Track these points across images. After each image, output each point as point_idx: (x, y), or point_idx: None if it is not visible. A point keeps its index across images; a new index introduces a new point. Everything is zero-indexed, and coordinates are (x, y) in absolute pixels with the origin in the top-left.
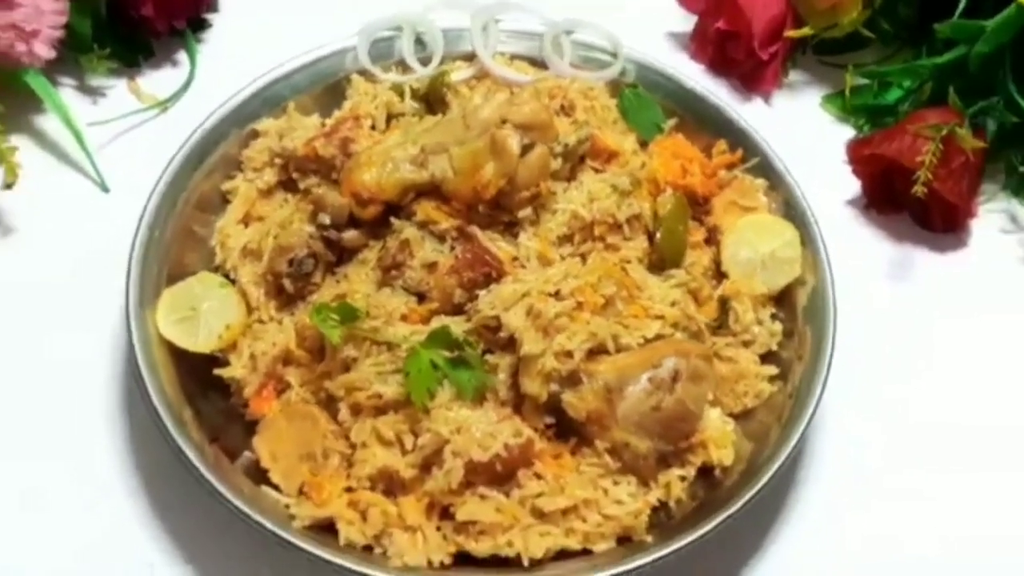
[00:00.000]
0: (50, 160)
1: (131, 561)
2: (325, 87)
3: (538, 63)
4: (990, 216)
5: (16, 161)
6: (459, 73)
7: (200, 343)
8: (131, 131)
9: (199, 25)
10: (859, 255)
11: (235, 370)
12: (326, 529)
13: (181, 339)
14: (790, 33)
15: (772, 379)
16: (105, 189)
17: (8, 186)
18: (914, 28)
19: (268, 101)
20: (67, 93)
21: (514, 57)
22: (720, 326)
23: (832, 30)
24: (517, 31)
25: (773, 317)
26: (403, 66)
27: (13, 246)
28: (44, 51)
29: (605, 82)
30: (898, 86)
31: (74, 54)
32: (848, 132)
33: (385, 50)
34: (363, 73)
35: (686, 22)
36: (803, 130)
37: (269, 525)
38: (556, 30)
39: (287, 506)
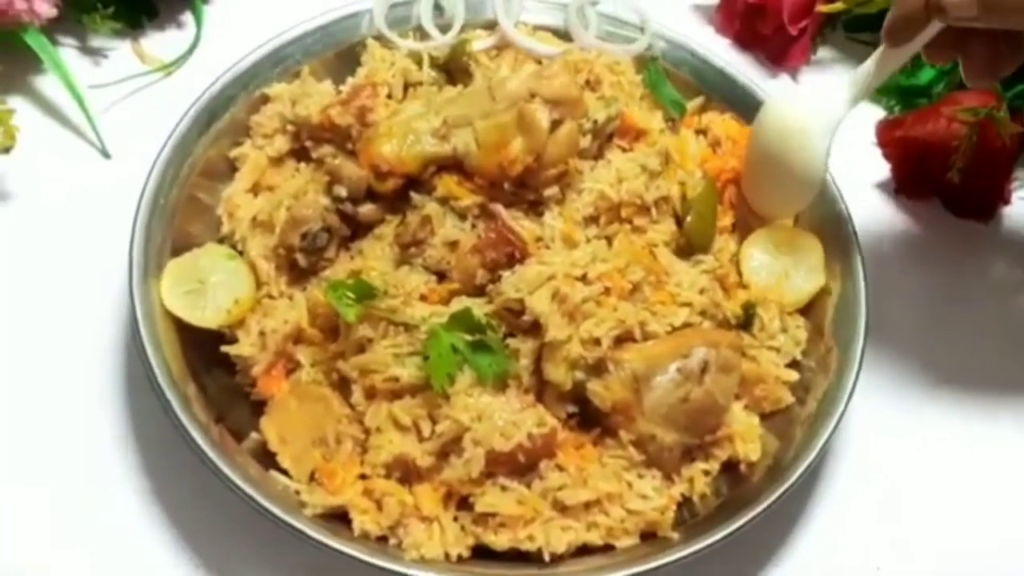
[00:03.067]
0: (50, 124)
1: (130, 541)
2: (338, 52)
3: (562, 35)
4: (1022, 203)
5: (14, 124)
6: (479, 42)
7: (207, 318)
8: (134, 95)
9: None
10: (887, 241)
11: (243, 347)
12: (338, 518)
13: (187, 313)
14: (822, 8)
15: (793, 387)
16: (106, 155)
17: (6, 150)
18: None
19: (279, 65)
20: (68, 54)
21: (537, 28)
22: (744, 326)
23: (865, 6)
24: (541, 0)
25: (798, 326)
26: (421, 32)
27: (10, 214)
28: (45, 9)
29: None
30: (931, 66)
31: (76, 13)
32: (878, 113)
33: (402, 15)
34: (379, 38)
35: None
36: None
37: (279, 513)
38: (581, 0)
39: (298, 492)
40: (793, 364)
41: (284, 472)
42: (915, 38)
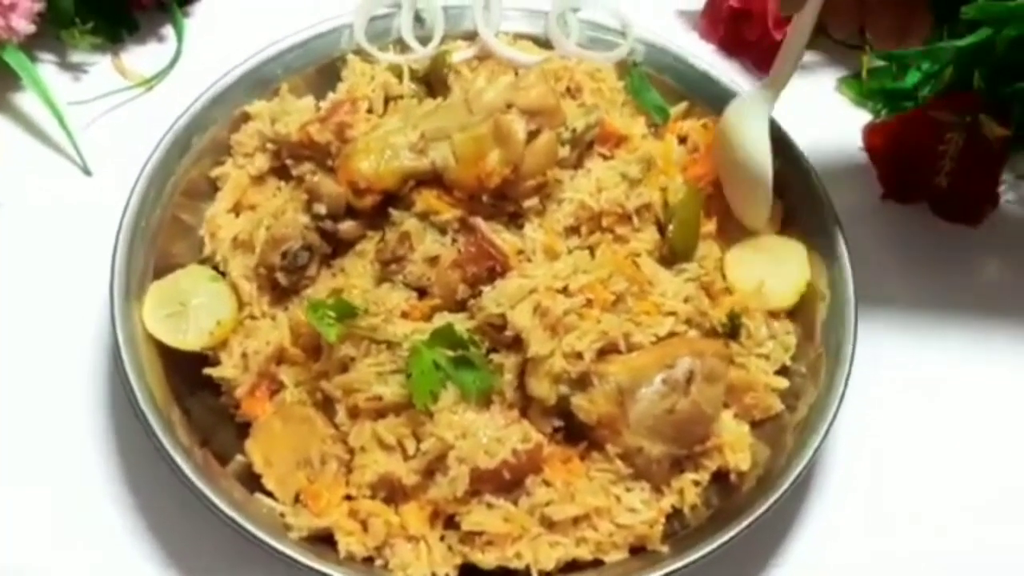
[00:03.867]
0: (29, 141)
1: (115, 569)
2: (319, 67)
3: (543, 43)
4: (1010, 207)
5: None
6: (460, 53)
7: (190, 340)
8: (115, 110)
9: None
10: (876, 246)
11: (226, 369)
12: (324, 540)
13: (169, 336)
14: None
15: (783, 394)
16: (87, 172)
17: None
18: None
19: (259, 82)
20: (47, 70)
21: (518, 36)
22: (731, 335)
23: None
24: (521, 8)
25: (788, 332)
26: (401, 45)
27: None
28: (23, 25)
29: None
30: (917, 69)
31: (55, 28)
32: (865, 117)
33: (382, 28)
34: (359, 53)
35: None
36: (818, 114)
37: (264, 536)
38: (562, 7)
39: (283, 515)
40: (783, 370)
41: (269, 494)
42: (807, 4)
